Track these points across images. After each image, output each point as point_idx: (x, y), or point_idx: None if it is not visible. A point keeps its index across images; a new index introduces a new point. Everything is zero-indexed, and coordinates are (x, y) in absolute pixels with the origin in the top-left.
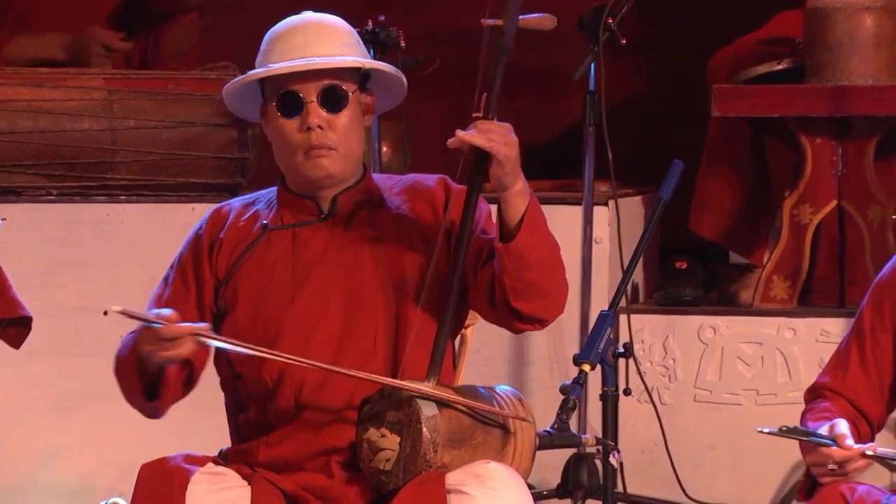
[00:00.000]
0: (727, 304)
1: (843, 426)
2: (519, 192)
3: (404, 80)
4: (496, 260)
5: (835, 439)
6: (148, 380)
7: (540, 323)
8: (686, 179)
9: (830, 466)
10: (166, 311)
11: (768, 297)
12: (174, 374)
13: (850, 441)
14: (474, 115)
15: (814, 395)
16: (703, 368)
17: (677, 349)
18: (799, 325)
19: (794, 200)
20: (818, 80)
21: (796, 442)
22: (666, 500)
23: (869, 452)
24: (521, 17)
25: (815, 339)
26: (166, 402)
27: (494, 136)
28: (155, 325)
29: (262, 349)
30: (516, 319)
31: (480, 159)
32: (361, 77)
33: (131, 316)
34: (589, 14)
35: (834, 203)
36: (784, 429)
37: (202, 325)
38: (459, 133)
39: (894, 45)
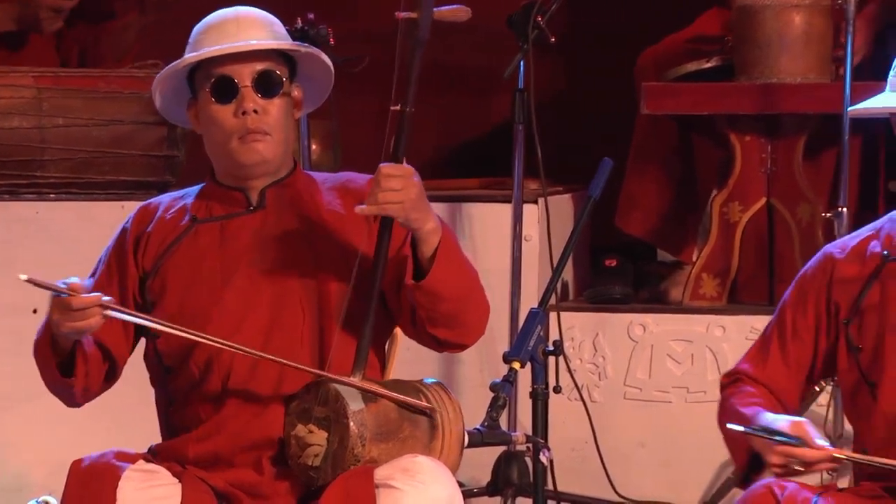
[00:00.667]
0: (657, 301)
1: (809, 425)
2: (430, 231)
3: (332, 73)
4: (410, 294)
5: (805, 440)
6: (63, 358)
7: (459, 348)
8: (616, 177)
9: (797, 467)
10: (73, 279)
11: (698, 294)
12: (92, 355)
13: (820, 441)
14: (392, 108)
15: (732, 379)
16: (633, 366)
17: (607, 347)
18: (728, 322)
19: (724, 198)
20: (747, 77)
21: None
22: (596, 497)
23: (838, 455)
24: (435, 9)
25: (745, 336)
26: (81, 382)
27: (389, 197)
28: (62, 294)
29: (170, 325)
30: (435, 344)
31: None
32: (291, 68)
33: (38, 284)
34: (518, 12)
35: (763, 201)
36: (754, 427)
37: (108, 297)
38: (357, 209)
39: (823, 43)
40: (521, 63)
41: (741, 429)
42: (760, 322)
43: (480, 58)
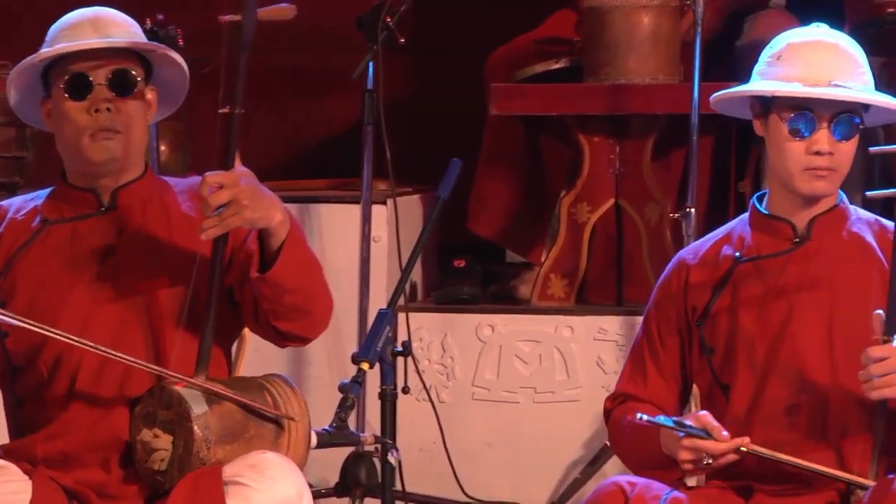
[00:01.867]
0: (505, 302)
1: (710, 417)
2: (279, 225)
3: (187, 78)
4: (255, 286)
5: (710, 432)
6: None
7: (302, 341)
8: (465, 178)
9: (706, 461)
10: None
11: (546, 295)
12: None
13: (725, 433)
14: (220, 111)
15: (619, 401)
16: (482, 366)
17: (455, 347)
18: (576, 323)
19: (572, 199)
20: (596, 78)
21: (574, 441)
22: (444, 497)
23: (743, 448)
24: (259, 9)
25: (593, 337)
26: None
27: (223, 214)
28: None
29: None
30: (278, 337)
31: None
32: (147, 71)
33: None
34: (367, 13)
35: (611, 201)
36: (660, 418)
37: None
38: (202, 236)
39: (671, 44)
40: (371, 64)
41: (648, 419)
42: (608, 323)
43: (329, 59)
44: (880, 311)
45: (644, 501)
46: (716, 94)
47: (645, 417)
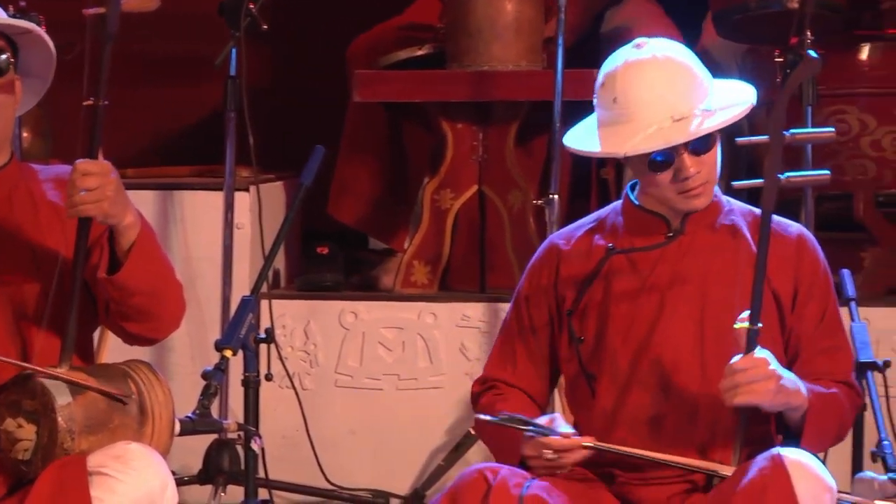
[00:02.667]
0: (368, 289)
1: (561, 419)
2: (128, 226)
3: (54, 65)
4: (103, 287)
5: (553, 429)
6: None
7: (149, 342)
8: (328, 165)
9: (548, 456)
10: None
11: (409, 282)
12: None
13: (567, 429)
14: (85, 103)
15: (486, 386)
16: (345, 353)
17: (318, 334)
18: (440, 309)
19: (435, 186)
20: (459, 65)
21: (437, 428)
22: (307, 485)
23: (587, 444)
24: (123, 0)
25: (456, 323)
26: None
27: (85, 197)
28: None
29: None
30: (126, 336)
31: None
32: (13, 54)
33: None
34: (230, 0)
35: (474, 188)
36: (503, 417)
37: None
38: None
39: (534, 31)
40: (233, 51)
41: (490, 418)
42: (472, 309)
43: (192, 45)
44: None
45: (506, 489)
46: (569, 146)
47: (484, 417)
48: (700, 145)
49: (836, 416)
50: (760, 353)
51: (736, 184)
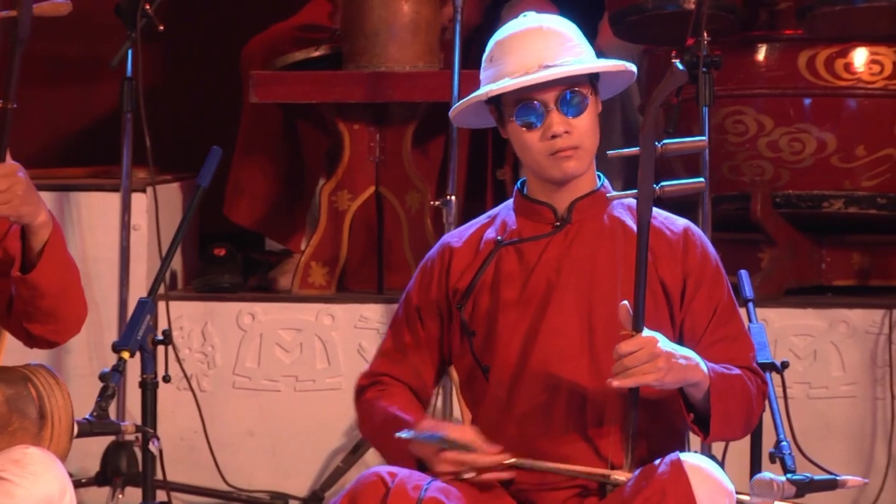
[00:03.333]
0: (266, 290)
1: (473, 432)
2: (41, 224)
3: None
4: (14, 285)
5: (475, 446)
6: None
7: (49, 345)
8: (225, 166)
9: (468, 475)
10: None
11: (307, 283)
12: None
13: (491, 448)
14: None
15: (372, 380)
16: (242, 355)
17: (216, 336)
18: (337, 311)
19: (332, 187)
20: (356, 66)
21: (335, 429)
22: (205, 487)
23: (509, 461)
24: (35, 4)
25: (354, 325)
26: None
27: None
28: None
29: None
30: (27, 338)
31: None
32: None
33: None
34: (126, 0)
35: (372, 189)
36: (424, 434)
37: None
38: None
39: (431, 32)
40: (130, 51)
41: (408, 436)
42: (370, 311)
43: (88, 46)
44: (626, 303)
45: (405, 492)
46: (451, 114)
47: (405, 435)
48: (570, 106)
49: (743, 399)
50: (647, 333)
51: (610, 195)
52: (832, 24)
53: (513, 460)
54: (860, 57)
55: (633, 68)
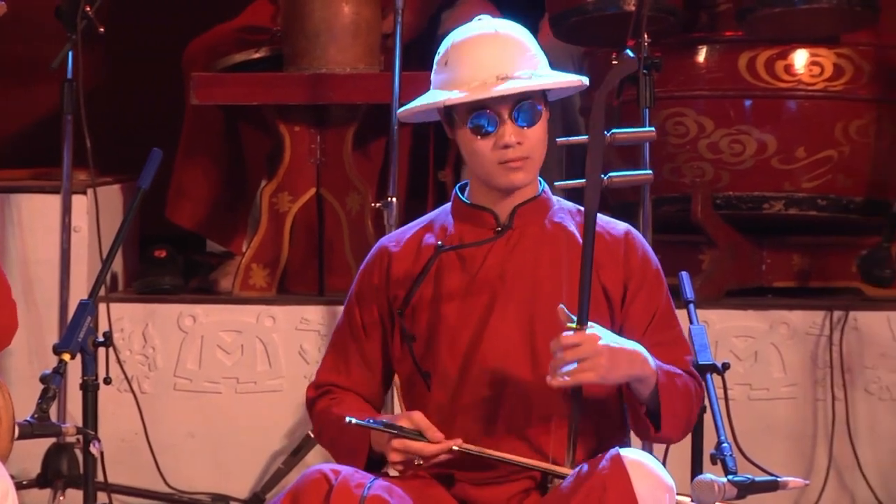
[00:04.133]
0: (206, 292)
1: (424, 418)
2: None
3: None
4: None
5: (423, 432)
6: None
7: None
8: (166, 168)
9: (417, 462)
10: None
11: (248, 285)
12: None
13: (439, 434)
14: None
15: (321, 391)
16: (183, 357)
17: (157, 337)
18: (278, 312)
19: (273, 188)
20: (296, 68)
21: (277, 431)
22: (146, 489)
23: (456, 448)
24: None
25: (295, 326)
26: None
27: None
28: None
29: None
30: None
31: None
32: None
33: None
34: (66, 2)
35: (313, 191)
36: (371, 421)
37: None
38: None
39: (371, 34)
40: (70, 53)
41: (357, 422)
42: (310, 313)
43: (28, 48)
44: (562, 306)
45: (348, 490)
46: (399, 112)
47: (354, 420)
48: (526, 117)
49: (686, 400)
50: (591, 329)
51: (558, 184)
52: (772, 26)
53: (459, 447)
54: (800, 59)
55: (587, 81)
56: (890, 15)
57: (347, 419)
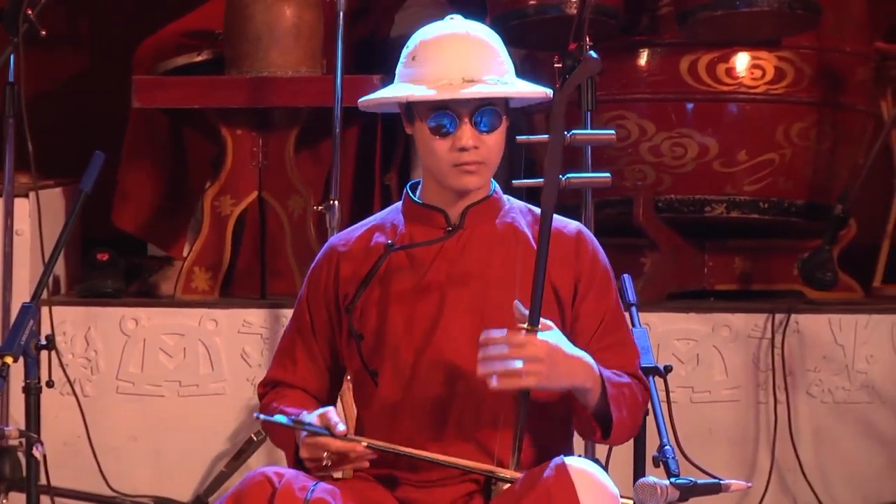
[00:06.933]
0: (148, 295)
1: (334, 413)
2: None
3: None
4: None
5: (329, 428)
6: None
7: None
8: (109, 171)
9: (326, 460)
10: None
11: (190, 288)
12: None
13: (343, 429)
14: None
15: (269, 388)
16: (126, 360)
17: (99, 341)
18: (220, 316)
19: (216, 192)
20: (238, 71)
21: (219, 434)
22: (89, 492)
23: (365, 444)
24: None
25: (238, 330)
26: None
27: None
28: None
29: None
30: None
31: None
32: None
33: None
34: (8, 5)
35: (255, 194)
36: (279, 417)
37: None
38: None
39: (313, 37)
40: (12, 56)
41: (265, 417)
42: (253, 315)
43: None
44: (518, 302)
45: (292, 492)
46: (361, 100)
47: (262, 416)
48: (484, 122)
49: (634, 407)
50: (543, 333)
51: (516, 182)
52: (713, 29)
53: (367, 443)
54: (742, 62)
55: (551, 93)
56: (831, 18)
57: (255, 415)
